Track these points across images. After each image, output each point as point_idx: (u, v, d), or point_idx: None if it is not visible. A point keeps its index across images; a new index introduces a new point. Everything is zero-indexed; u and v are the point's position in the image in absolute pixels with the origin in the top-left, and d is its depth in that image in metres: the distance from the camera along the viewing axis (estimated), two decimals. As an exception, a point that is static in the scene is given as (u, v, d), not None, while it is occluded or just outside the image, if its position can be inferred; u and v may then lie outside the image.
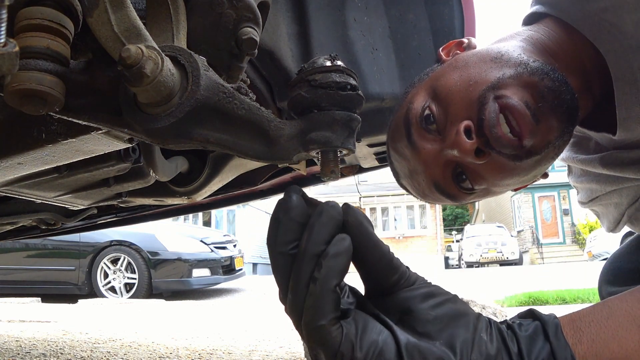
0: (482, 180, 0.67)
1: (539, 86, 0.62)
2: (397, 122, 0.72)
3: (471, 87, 0.64)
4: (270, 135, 0.49)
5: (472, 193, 0.70)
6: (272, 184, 1.42)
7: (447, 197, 0.71)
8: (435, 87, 0.68)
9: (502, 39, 0.74)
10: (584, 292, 4.56)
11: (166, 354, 1.86)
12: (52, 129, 0.62)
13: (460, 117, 0.64)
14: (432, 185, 0.70)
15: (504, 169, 0.64)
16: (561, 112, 0.62)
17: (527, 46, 0.69)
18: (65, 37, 0.44)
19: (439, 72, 0.71)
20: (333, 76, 0.49)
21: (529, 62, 0.64)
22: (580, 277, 6.52)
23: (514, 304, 4.41)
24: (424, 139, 0.67)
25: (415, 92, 0.72)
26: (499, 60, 0.65)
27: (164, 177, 0.90)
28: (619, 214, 0.82)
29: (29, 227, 1.50)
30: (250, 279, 10.61)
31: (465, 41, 0.77)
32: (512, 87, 0.62)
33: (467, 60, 0.69)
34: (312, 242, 0.39)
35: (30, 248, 6.24)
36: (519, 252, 17.71)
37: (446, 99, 0.66)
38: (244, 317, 3.65)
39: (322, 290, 0.38)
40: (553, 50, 0.69)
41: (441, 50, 0.78)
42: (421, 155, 0.68)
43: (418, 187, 0.73)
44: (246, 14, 0.55)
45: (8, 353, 1.89)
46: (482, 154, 0.63)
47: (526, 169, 0.65)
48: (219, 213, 20.06)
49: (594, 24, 0.64)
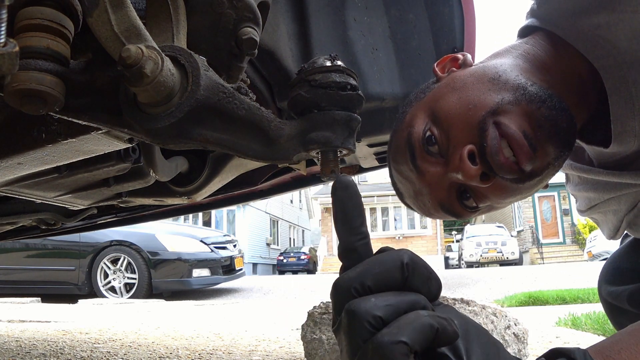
0: (485, 199, 0.69)
1: (536, 115, 0.63)
2: (398, 144, 0.73)
3: (471, 111, 0.65)
4: (270, 135, 0.49)
5: (477, 210, 0.73)
6: (272, 184, 1.42)
7: (453, 215, 0.73)
8: (435, 110, 0.69)
9: (498, 53, 0.75)
10: (584, 292, 4.56)
11: (166, 354, 1.86)
12: (52, 129, 0.62)
13: (463, 141, 0.65)
14: (438, 206, 0.71)
15: (507, 190, 0.67)
16: (558, 139, 0.64)
17: (523, 64, 0.69)
18: (65, 37, 0.44)
19: (437, 93, 0.72)
20: (333, 76, 0.49)
21: (527, 87, 0.65)
22: (580, 277, 6.51)
23: (514, 304, 4.41)
24: (428, 162, 0.69)
25: (414, 112, 0.73)
26: (496, 82, 0.66)
27: (164, 177, 0.90)
28: (618, 220, 0.82)
29: (29, 227, 1.50)
30: (250, 279, 10.61)
31: (460, 57, 0.77)
32: (510, 114, 0.63)
33: (465, 81, 0.69)
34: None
35: (30, 248, 6.24)
36: (519, 252, 17.71)
37: (447, 122, 0.67)
38: (244, 317, 3.65)
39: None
40: (549, 65, 0.69)
41: (436, 66, 0.78)
42: (426, 178, 0.69)
43: (423, 207, 0.74)
44: (246, 14, 0.55)
45: (8, 353, 1.89)
46: (486, 178, 0.65)
47: (528, 188, 0.68)
48: (219, 213, 20.06)
49: (587, 39, 0.64)
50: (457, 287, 6.50)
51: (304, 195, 29.87)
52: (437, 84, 0.74)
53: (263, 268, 21.73)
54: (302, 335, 1.42)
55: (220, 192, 1.27)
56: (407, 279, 0.37)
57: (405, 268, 0.37)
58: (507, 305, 4.31)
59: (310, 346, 1.38)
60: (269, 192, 1.47)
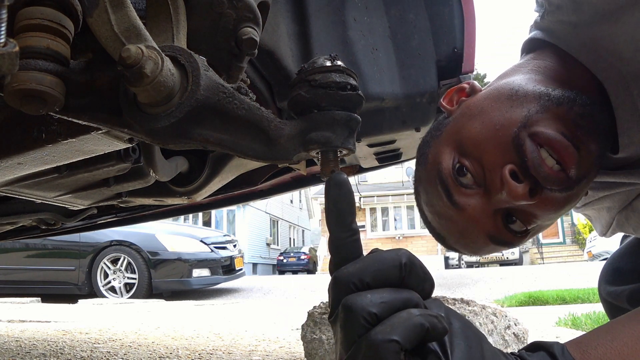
0: (534, 218, 0.65)
1: (570, 115, 0.61)
2: (429, 186, 0.70)
3: (499, 131, 0.62)
4: (270, 135, 0.49)
5: (527, 234, 0.68)
6: (272, 184, 1.42)
7: (504, 245, 0.68)
8: (460, 141, 0.66)
9: (506, 73, 0.72)
10: (584, 292, 4.56)
11: (166, 354, 1.86)
12: (52, 129, 0.62)
13: (499, 163, 0.62)
14: (487, 238, 0.67)
15: (556, 202, 0.63)
16: (597, 135, 0.62)
17: (536, 76, 0.67)
18: (65, 37, 0.44)
19: (455, 125, 0.69)
20: (333, 76, 0.49)
21: (550, 92, 0.62)
22: (580, 277, 6.52)
23: (514, 304, 4.42)
24: (465, 195, 0.65)
25: (436, 150, 0.69)
26: (515, 97, 0.64)
27: (164, 177, 0.90)
28: (610, 217, 0.81)
29: (29, 227, 1.50)
30: (250, 279, 10.61)
31: (466, 86, 0.74)
32: (543, 121, 0.61)
33: (482, 106, 0.67)
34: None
35: (30, 248, 6.24)
36: (519, 252, 17.71)
37: (476, 149, 0.64)
38: (244, 317, 3.66)
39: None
40: (562, 76, 0.67)
41: (442, 101, 0.75)
42: (468, 213, 0.65)
43: (473, 244, 0.70)
44: (246, 14, 0.55)
45: (8, 353, 1.89)
46: (535, 194, 0.61)
47: (576, 195, 0.65)
48: (219, 213, 20.07)
49: (590, 51, 0.63)
50: (457, 287, 6.50)
51: (304, 195, 29.88)
52: (451, 118, 0.71)
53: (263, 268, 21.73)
54: (302, 335, 1.42)
55: (220, 192, 1.27)
56: (404, 278, 0.39)
57: (403, 268, 0.39)
58: (507, 305, 4.31)
59: (310, 346, 1.39)
60: (269, 192, 1.47)
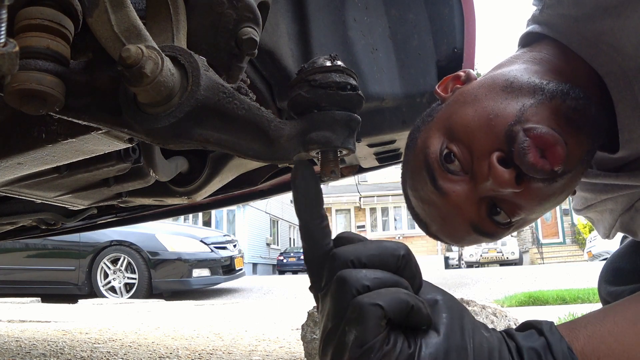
0: (519, 210, 0.64)
1: (562, 109, 0.60)
2: (415, 170, 0.69)
3: (492, 120, 0.61)
4: (270, 135, 0.49)
5: (510, 226, 0.67)
6: (272, 184, 1.42)
7: (486, 236, 0.67)
8: (450, 126, 0.65)
9: (502, 63, 0.71)
10: (584, 292, 4.56)
11: (166, 354, 1.86)
12: (52, 129, 0.62)
13: (489, 150, 0.61)
14: (469, 227, 0.66)
15: (541, 193, 0.62)
16: (589, 128, 0.61)
17: (533, 67, 0.66)
18: (65, 37, 0.44)
19: (447, 111, 0.68)
20: (333, 76, 0.49)
21: (544, 85, 0.62)
22: (580, 277, 6.52)
23: (514, 304, 4.42)
24: (451, 181, 0.64)
25: (425, 135, 0.68)
26: (510, 89, 0.63)
27: (164, 177, 0.90)
28: (613, 220, 0.80)
29: (29, 227, 1.50)
30: (250, 279, 10.61)
31: (462, 74, 0.73)
32: (536, 116, 0.60)
33: (476, 93, 0.66)
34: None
35: (30, 248, 6.24)
36: (519, 252, 17.73)
37: (467, 135, 0.63)
38: (244, 317, 3.66)
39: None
40: (559, 68, 0.66)
41: (437, 88, 0.75)
42: (451, 199, 0.64)
43: (454, 232, 0.69)
44: (246, 14, 0.55)
45: (8, 353, 1.89)
46: (521, 181, 0.60)
47: (561, 189, 0.64)
48: (219, 213, 20.06)
49: (591, 46, 0.62)
50: (457, 287, 6.50)
51: (304, 195, 29.77)
52: (444, 104, 0.71)
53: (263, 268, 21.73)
54: (302, 335, 1.42)
55: (220, 192, 1.27)
56: (398, 268, 0.41)
57: (401, 259, 0.41)
58: (507, 305, 4.31)
59: (310, 346, 1.38)
60: (269, 192, 1.47)
